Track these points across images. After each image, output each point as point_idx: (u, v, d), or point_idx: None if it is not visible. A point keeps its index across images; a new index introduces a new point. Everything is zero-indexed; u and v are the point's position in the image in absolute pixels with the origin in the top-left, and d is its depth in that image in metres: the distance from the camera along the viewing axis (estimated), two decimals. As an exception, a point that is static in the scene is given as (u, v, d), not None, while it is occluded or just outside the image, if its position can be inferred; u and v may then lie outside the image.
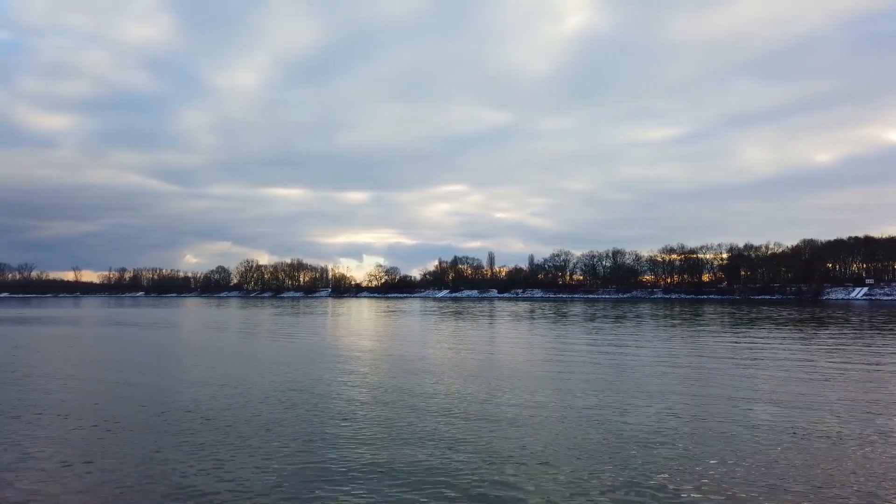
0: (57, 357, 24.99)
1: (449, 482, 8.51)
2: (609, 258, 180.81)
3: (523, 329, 41.47)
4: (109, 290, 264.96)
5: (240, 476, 8.78)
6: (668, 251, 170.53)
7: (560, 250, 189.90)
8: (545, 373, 19.36)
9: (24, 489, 8.26)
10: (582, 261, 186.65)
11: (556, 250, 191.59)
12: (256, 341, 33.15)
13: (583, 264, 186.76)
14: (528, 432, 11.31)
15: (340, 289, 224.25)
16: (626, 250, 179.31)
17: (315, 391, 15.78)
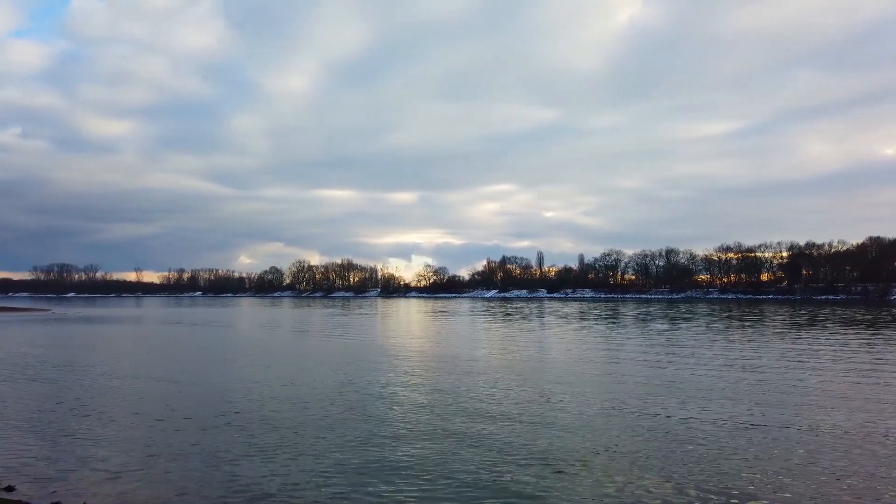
0: (123, 356, 25.97)
1: (502, 485, 8.39)
2: (662, 257, 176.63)
3: (574, 330, 40.87)
4: (169, 291, 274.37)
5: (300, 475, 8.87)
6: (724, 250, 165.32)
7: (611, 249, 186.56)
8: (598, 375, 18.98)
9: (90, 485, 8.54)
10: (634, 260, 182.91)
11: (607, 249, 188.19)
12: (311, 341, 33.69)
13: (635, 264, 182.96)
14: (581, 435, 11.07)
15: (390, 289, 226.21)
16: (681, 249, 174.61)
17: (371, 391, 15.88)
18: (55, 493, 7.99)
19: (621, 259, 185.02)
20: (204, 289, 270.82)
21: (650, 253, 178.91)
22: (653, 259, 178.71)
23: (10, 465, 9.30)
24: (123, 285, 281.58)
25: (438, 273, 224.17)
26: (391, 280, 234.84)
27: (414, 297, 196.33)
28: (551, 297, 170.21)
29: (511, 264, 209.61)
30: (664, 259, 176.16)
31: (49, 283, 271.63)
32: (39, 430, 11.76)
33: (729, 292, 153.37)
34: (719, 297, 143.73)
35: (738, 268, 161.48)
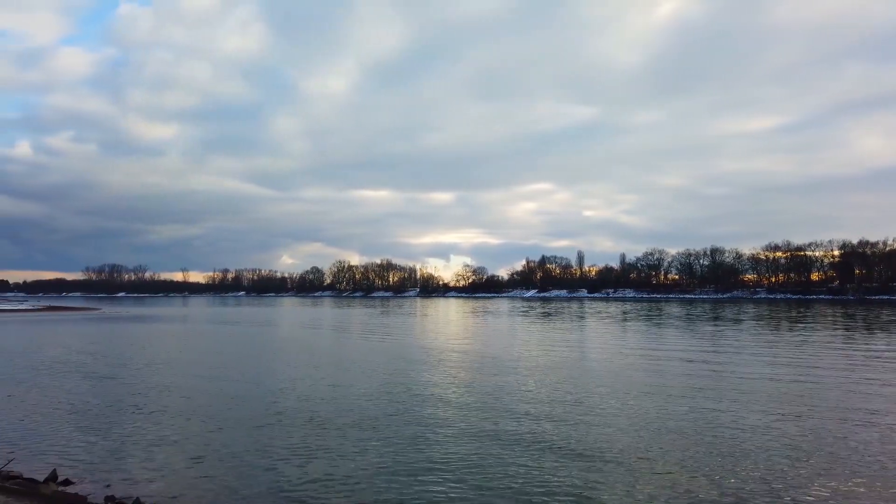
0: (171, 355, 26.57)
1: (548, 485, 8.17)
2: (707, 256, 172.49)
3: (617, 330, 40.16)
4: (214, 290, 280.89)
5: (346, 474, 8.84)
6: (772, 248, 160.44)
7: (653, 249, 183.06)
8: (642, 376, 18.52)
9: (142, 480, 8.65)
10: (677, 259, 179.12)
11: (649, 249, 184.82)
12: (353, 341, 33.91)
13: (678, 263, 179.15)
14: (623, 437, 10.76)
15: (428, 289, 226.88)
16: (726, 248, 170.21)
17: (414, 391, 15.83)
18: (109, 488, 8.12)
19: (664, 258, 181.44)
20: (247, 288, 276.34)
21: (694, 252, 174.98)
22: (697, 258, 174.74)
23: (66, 459, 9.51)
24: (171, 285, 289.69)
25: (477, 273, 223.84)
26: (430, 280, 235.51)
27: (453, 296, 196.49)
28: (592, 296, 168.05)
29: (550, 264, 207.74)
30: (709, 258, 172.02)
31: (100, 283, 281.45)
32: (93, 426, 12.03)
33: (777, 292, 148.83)
34: (767, 298, 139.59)
35: (787, 267, 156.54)
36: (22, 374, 19.17)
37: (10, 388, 16.61)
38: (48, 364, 21.97)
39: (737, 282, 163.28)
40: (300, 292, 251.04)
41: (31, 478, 8.06)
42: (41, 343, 31.56)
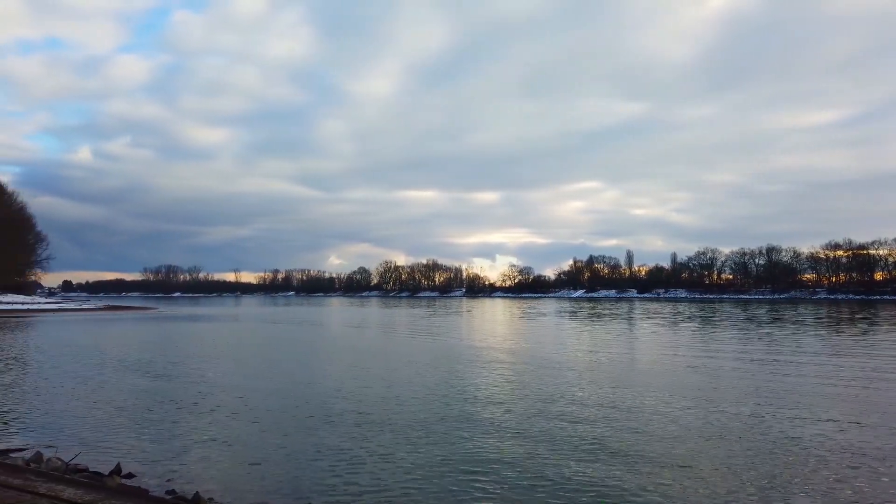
0: (225, 354, 27.22)
1: (594, 487, 7.93)
2: (763, 255, 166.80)
3: (669, 331, 39.17)
4: (265, 290, 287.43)
5: (399, 473, 8.80)
6: (832, 247, 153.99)
7: (706, 247, 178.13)
8: (694, 378, 17.94)
9: (201, 475, 8.79)
10: (731, 258, 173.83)
11: (702, 248, 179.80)
12: (402, 340, 34.07)
13: (732, 262, 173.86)
14: (676, 442, 10.39)
15: (474, 289, 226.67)
16: (783, 247, 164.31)
17: (464, 391, 15.73)
18: (170, 482, 8.27)
19: (717, 257, 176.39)
20: (297, 288, 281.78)
21: (749, 251, 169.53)
22: (752, 257, 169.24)
23: (129, 454, 9.75)
24: (224, 285, 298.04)
25: (523, 273, 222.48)
26: (476, 280, 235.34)
27: (499, 296, 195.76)
28: (642, 297, 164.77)
29: (598, 263, 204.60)
30: (765, 257, 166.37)
31: (157, 283, 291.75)
32: (153, 422, 12.34)
33: (838, 292, 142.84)
34: (827, 298, 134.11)
35: (849, 266, 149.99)
36: (86, 372, 19.90)
37: (75, 385, 17.24)
38: (109, 362, 22.76)
39: (794, 282, 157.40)
40: (347, 292, 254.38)
41: (97, 471, 8.29)
42: (103, 341, 32.78)
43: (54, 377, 18.46)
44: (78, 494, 6.14)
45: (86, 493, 6.26)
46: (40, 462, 8.30)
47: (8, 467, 7.29)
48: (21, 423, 12.20)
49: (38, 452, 8.96)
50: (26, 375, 18.82)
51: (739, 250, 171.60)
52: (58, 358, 23.56)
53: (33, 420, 12.44)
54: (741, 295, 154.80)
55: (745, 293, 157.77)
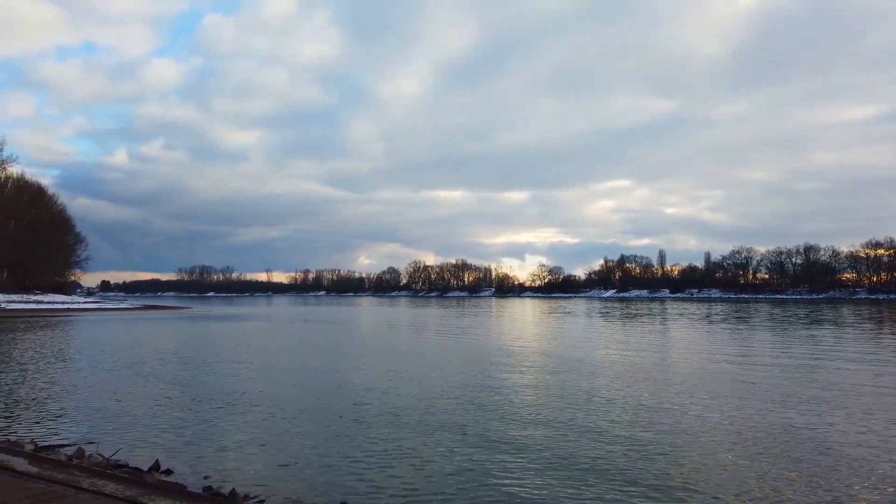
0: (259, 352, 27.57)
1: (633, 490, 7.79)
2: (800, 254, 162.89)
3: (704, 332, 38.46)
4: (296, 290, 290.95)
5: (434, 473, 8.77)
6: (873, 246, 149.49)
7: (740, 247, 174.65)
8: (729, 381, 17.54)
9: (237, 471, 8.88)
10: (767, 258, 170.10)
11: (736, 247, 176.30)
12: (433, 340, 34.10)
13: (768, 262, 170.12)
14: (705, 445, 10.14)
15: (504, 288, 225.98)
16: (821, 246, 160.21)
17: (497, 392, 15.64)
18: (207, 479, 8.37)
19: (752, 257, 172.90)
20: (327, 288, 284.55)
21: (786, 250, 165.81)
22: (789, 256, 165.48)
23: (166, 450, 9.91)
24: (256, 285, 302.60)
25: (553, 272, 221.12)
26: (505, 280, 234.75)
27: (528, 296, 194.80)
28: (675, 297, 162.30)
29: (630, 263, 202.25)
30: (802, 256, 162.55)
31: (192, 283, 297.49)
32: (189, 420, 12.53)
33: (879, 292, 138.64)
34: (868, 298, 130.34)
35: (890, 265, 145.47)
36: (125, 370, 20.33)
37: (114, 382, 17.62)
38: (147, 360, 23.22)
39: (833, 281, 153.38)
40: (377, 292, 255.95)
41: (136, 467, 8.44)
42: (140, 340, 33.49)
43: (94, 375, 18.90)
44: (119, 489, 6.24)
45: (126, 488, 6.36)
46: (82, 458, 8.48)
47: (52, 462, 7.45)
48: (63, 419, 12.50)
49: (79, 448, 9.15)
50: (67, 373, 19.31)
51: (776, 249, 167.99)
52: (97, 356, 24.13)
53: (75, 417, 12.74)
54: (777, 295, 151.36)
55: (781, 293, 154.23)
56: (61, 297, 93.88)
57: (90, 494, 5.95)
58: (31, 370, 19.63)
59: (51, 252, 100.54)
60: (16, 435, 10.53)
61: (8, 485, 6.08)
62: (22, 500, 5.58)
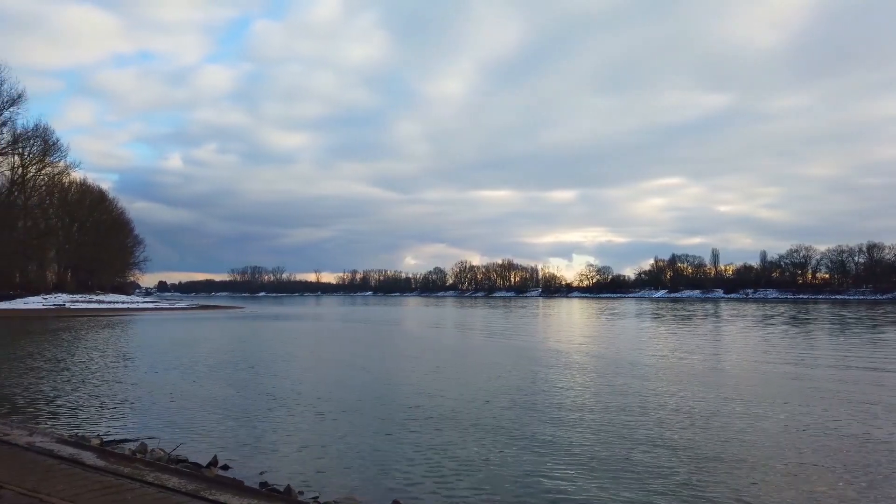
0: (309, 351, 28.10)
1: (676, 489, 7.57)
2: (863, 253, 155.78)
3: (761, 334, 37.23)
4: (344, 290, 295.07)
5: (480, 473, 8.73)
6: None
7: (799, 245, 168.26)
8: (789, 387, 16.90)
9: (292, 468, 9.03)
10: (827, 256, 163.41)
11: (794, 245, 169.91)
12: (480, 340, 34.06)
13: (829, 260, 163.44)
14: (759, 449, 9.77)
15: (551, 289, 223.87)
16: (885, 244, 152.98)
17: (546, 393, 15.51)
18: (262, 475, 8.54)
19: (812, 255, 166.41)
20: (374, 288, 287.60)
21: (847, 248, 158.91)
22: (851, 255, 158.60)
23: (223, 446, 10.15)
24: (305, 285, 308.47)
25: (601, 272, 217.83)
26: (552, 280, 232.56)
27: (576, 297, 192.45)
28: (729, 297, 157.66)
29: (681, 263, 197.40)
30: (865, 255, 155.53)
31: (244, 283, 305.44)
32: (245, 416, 12.83)
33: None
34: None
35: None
36: (183, 367, 20.97)
37: (173, 379, 18.20)
38: (204, 358, 23.91)
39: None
40: (423, 292, 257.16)
41: (196, 462, 8.68)
42: (196, 339, 34.51)
43: (152, 373, 19.56)
44: (181, 483, 6.43)
45: (188, 482, 6.54)
46: (145, 452, 8.77)
47: (118, 456, 7.74)
48: (125, 415, 12.96)
49: (142, 443, 9.47)
50: (127, 371, 20.04)
51: (837, 248, 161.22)
52: (155, 355, 24.97)
53: (136, 413, 13.19)
54: (838, 295, 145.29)
55: (842, 293, 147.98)
56: (121, 297, 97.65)
57: (155, 488, 6.15)
58: (94, 368, 20.46)
59: (111, 254, 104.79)
60: (82, 430, 10.98)
61: (79, 477, 6.35)
62: (92, 493, 5.81)
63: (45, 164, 76.77)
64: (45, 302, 70.57)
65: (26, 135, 71.54)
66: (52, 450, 7.62)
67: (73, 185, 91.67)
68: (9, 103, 63.91)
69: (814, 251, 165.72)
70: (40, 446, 7.77)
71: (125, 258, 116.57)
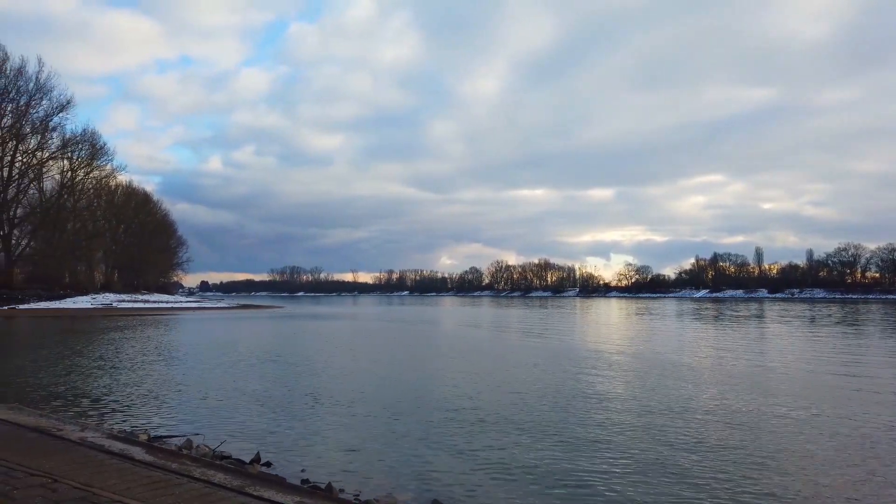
0: (349, 350, 28.38)
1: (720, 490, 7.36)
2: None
3: (808, 335, 36.12)
4: (380, 290, 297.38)
5: (522, 474, 8.67)
6: None
7: (847, 243, 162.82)
8: (844, 391, 16.32)
9: (333, 465, 9.11)
10: (878, 255, 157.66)
11: (843, 244, 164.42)
12: (517, 340, 33.89)
13: (879, 259, 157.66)
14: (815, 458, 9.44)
15: (588, 288, 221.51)
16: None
17: (586, 394, 15.32)
18: (304, 472, 8.63)
19: (861, 254, 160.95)
20: (411, 288, 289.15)
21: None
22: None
23: (266, 444, 10.31)
24: (342, 285, 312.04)
25: (640, 272, 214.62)
26: (590, 279, 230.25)
27: (614, 296, 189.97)
28: (773, 297, 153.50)
29: (723, 262, 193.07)
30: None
31: (283, 283, 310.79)
32: (286, 414, 13.02)
33: None
34: None
35: None
36: (227, 365, 21.40)
37: (217, 377, 18.59)
38: (246, 356, 24.35)
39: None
40: (460, 292, 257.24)
41: (239, 458, 8.83)
42: (237, 338, 35.19)
43: (196, 370, 20.01)
44: (227, 479, 6.54)
45: (234, 478, 6.66)
46: (191, 448, 8.96)
47: (165, 452, 7.93)
48: (171, 411, 13.29)
49: (188, 439, 9.68)
50: (174, 368, 20.54)
51: (888, 245, 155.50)
52: (199, 353, 25.55)
53: (181, 409, 13.50)
54: (889, 295, 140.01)
55: (894, 293, 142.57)
56: (165, 296, 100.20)
57: (202, 483, 6.28)
58: (140, 366, 21.03)
59: (156, 254, 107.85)
60: (130, 426, 11.29)
61: (129, 472, 6.52)
62: (143, 487, 5.96)
63: (92, 168, 79.50)
64: (93, 301, 72.92)
65: (75, 139, 74.23)
66: (103, 445, 7.84)
67: (119, 188, 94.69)
68: (58, 109, 66.36)
69: (863, 249, 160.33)
70: (92, 441, 8.01)
71: (169, 259, 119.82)
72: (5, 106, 61.76)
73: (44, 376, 17.81)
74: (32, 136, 68.30)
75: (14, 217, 69.16)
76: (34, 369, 19.40)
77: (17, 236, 71.40)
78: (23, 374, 18.48)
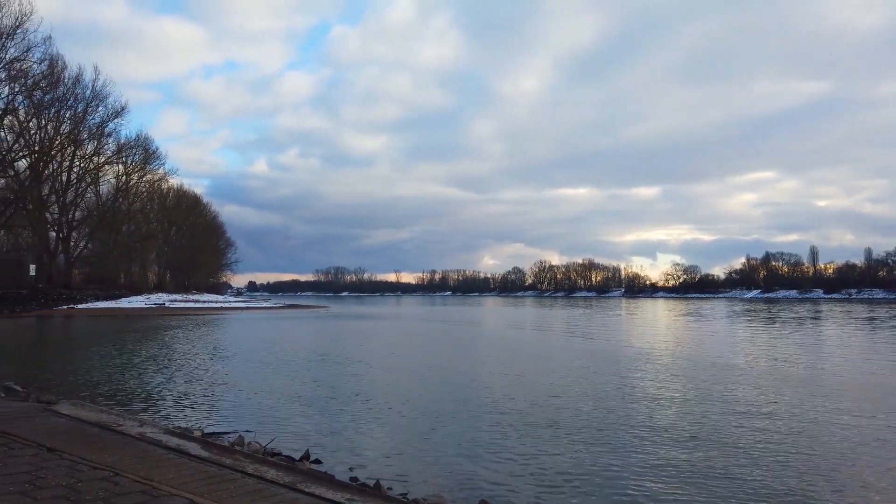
0: (393, 349, 28.60)
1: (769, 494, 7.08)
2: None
3: (868, 338, 34.65)
4: (423, 290, 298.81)
5: (566, 476, 8.57)
6: None
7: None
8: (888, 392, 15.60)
9: (378, 464, 9.17)
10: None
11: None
12: (561, 341, 33.56)
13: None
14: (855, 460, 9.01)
15: (634, 288, 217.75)
16: None
17: (633, 396, 15.09)
18: (352, 470, 8.71)
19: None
20: (453, 288, 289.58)
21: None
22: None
23: (315, 442, 10.46)
24: (385, 285, 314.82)
25: (688, 272, 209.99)
26: (635, 279, 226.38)
27: (661, 297, 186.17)
28: (830, 297, 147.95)
29: (776, 261, 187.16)
30: None
31: (328, 283, 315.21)
32: (334, 412, 13.19)
33: None
34: None
35: None
36: (275, 364, 21.82)
37: (267, 375, 18.98)
38: (295, 355, 24.79)
39: None
40: (502, 292, 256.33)
41: (289, 455, 8.98)
42: (285, 337, 35.85)
43: (246, 369, 20.45)
44: (279, 476, 6.66)
45: (285, 474, 6.77)
46: (243, 444, 9.15)
47: (219, 447, 8.12)
48: (223, 408, 13.61)
49: (240, 436, 9.89)
50: (225, 366, 21.05)
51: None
52: (248, 352, 26.11)
53: (232, 406, 13.82)
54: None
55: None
56: (215, 296, 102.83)
57: (254, 479, 6.40)
58: (193, 364, 21.62)
59: (206, 255, 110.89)
60: (185, 422, 11.61)
61: (185, 467, 6.70)
62: (199, 481, 6.12)
63: (146, 172, 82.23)
64: (146, 301, 75.36)
65: (129, 144, 77.00)
66: (161, 440, 8.08)
67: (170, 191, 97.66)
68: (113, 115, 68.72)
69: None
70: (150, 437, 8.26)
71: (218, 259, 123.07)
72: (64, 113, 64.25)
73: (100, 374, 18.51)
74: (89, 142, 71.11)
75: (73, 220, 72.04)
76: (92, 368, 20.17)
77: (75, 238, 74.36)
78: (82, 371, 19.23)
